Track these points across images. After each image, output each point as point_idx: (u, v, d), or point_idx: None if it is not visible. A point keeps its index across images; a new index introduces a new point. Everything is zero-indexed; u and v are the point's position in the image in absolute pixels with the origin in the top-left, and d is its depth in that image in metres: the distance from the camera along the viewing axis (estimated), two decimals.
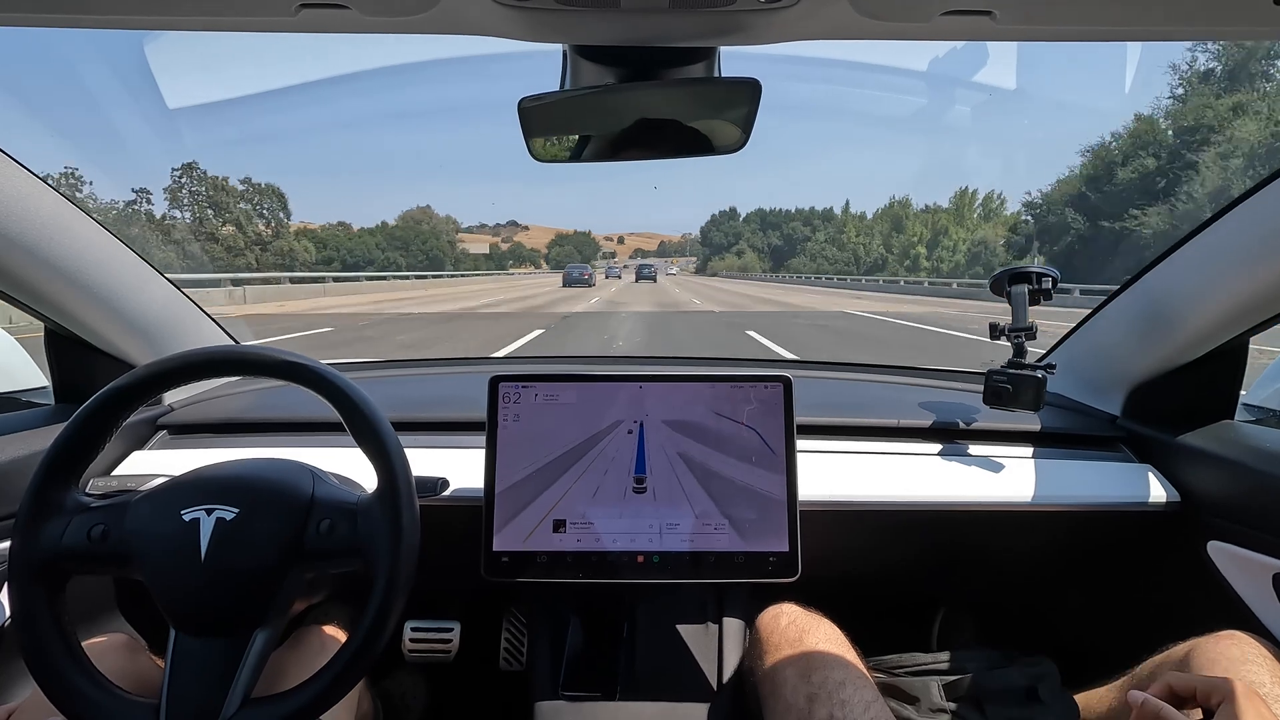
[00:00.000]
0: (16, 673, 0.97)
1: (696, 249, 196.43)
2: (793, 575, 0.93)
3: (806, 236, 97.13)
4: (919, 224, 67.93)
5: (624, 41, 0.66)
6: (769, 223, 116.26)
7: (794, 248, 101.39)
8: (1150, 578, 1.15)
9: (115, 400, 0.71)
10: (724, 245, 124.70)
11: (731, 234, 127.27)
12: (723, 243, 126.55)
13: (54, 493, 0.69)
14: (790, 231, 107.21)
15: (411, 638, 1.22)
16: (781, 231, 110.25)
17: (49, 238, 0.95)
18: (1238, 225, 0.94)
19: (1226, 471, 0.99)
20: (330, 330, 10.95)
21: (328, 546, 0.70)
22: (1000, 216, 56.25)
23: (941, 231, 62.00)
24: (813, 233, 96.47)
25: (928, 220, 66.22)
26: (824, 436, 1.15)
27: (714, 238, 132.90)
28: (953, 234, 59.99)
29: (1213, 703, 0.63)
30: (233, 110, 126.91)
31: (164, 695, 0.64)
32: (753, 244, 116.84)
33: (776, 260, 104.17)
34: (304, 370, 0.73)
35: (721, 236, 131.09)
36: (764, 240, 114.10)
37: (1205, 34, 0.60)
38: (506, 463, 0.95)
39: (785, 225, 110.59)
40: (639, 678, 0.99)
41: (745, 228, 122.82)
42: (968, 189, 62.25)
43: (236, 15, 0.59)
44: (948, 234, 60.51)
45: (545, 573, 0.94)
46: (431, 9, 0.57)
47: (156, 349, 1.18)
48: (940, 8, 0.56)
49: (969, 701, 0.90)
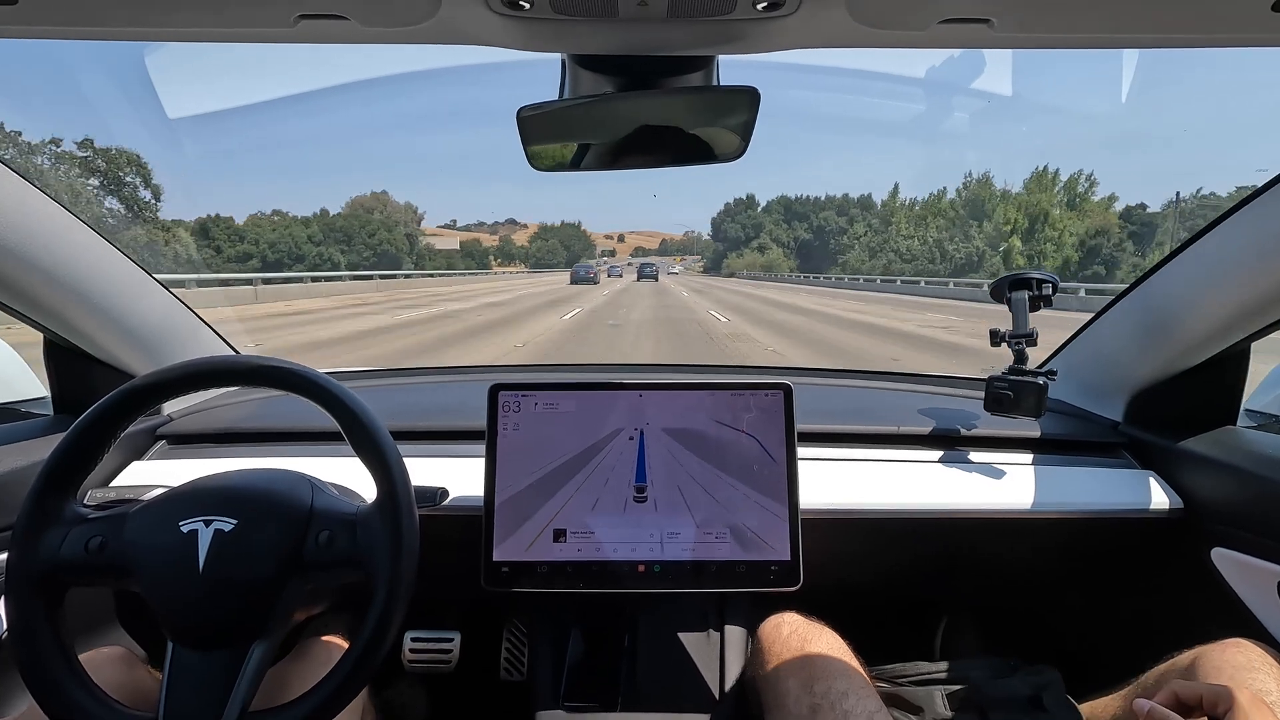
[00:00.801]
0: (14, 685, 0.97)
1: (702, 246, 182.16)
2: (794, 584, 0.93)
3: (842, 228, 78.85)
4: (1011, 209, 46.25)
5: (622, 51, 0.66)
6: (795, 212, 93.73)
7: (826, 241, 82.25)
8: (1154, 585, 1.14)
9: (114, 410, 0.71)
10: (741, 239, 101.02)
11: (750, 225, 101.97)
12: (739, 236, 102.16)
13: (52, 503, 0.69)
14: (821, 222, 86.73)
15: (412, 648, 1.22)
16: (810, 223, 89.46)
17: (48, 247, 0.95)
18: (1239, 230, 0.93)
19: (1229, 478, 0.99)
20: None
21: (327, 557, 0.69)
22: (1088, 203, 44.13)
23: (1039, 218, 43.80)
24: (849, 224, 78.15)
25: (1021, 204, 45.69)
26: (825, 444, 1.15)
27: (729, 230, 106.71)
28: (1057, 221, 43.00)
29: (1219, 711, 0.63)
30: (233, 120, 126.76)
31: (161, 708, 0.64)
32: (776, 237, 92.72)
33: (806, 258, 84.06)
34: (303, 380, 0.73)
35: (738, 229, 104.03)
36: (789, 233, 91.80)
37: (1203, 41, 0.60)
38: (506, 472, 0.95)
39: (815, 215, 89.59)
40: (640, 688, 0.98)
41: (766, 218, 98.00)
42: (1046, 168, 45.55)
43: (236, 26, 0.59)
44: (1048, 221, 43.26)
45: (546, 583, 0.93)
46: (430, 19, 0.57)
47: (156, 359, 1.18)
48: (937, 16, 0.56)
49: (973, 711, 0.90)
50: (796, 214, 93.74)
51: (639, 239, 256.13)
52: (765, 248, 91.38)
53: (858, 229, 68.33)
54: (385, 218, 65.68)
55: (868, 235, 64.59)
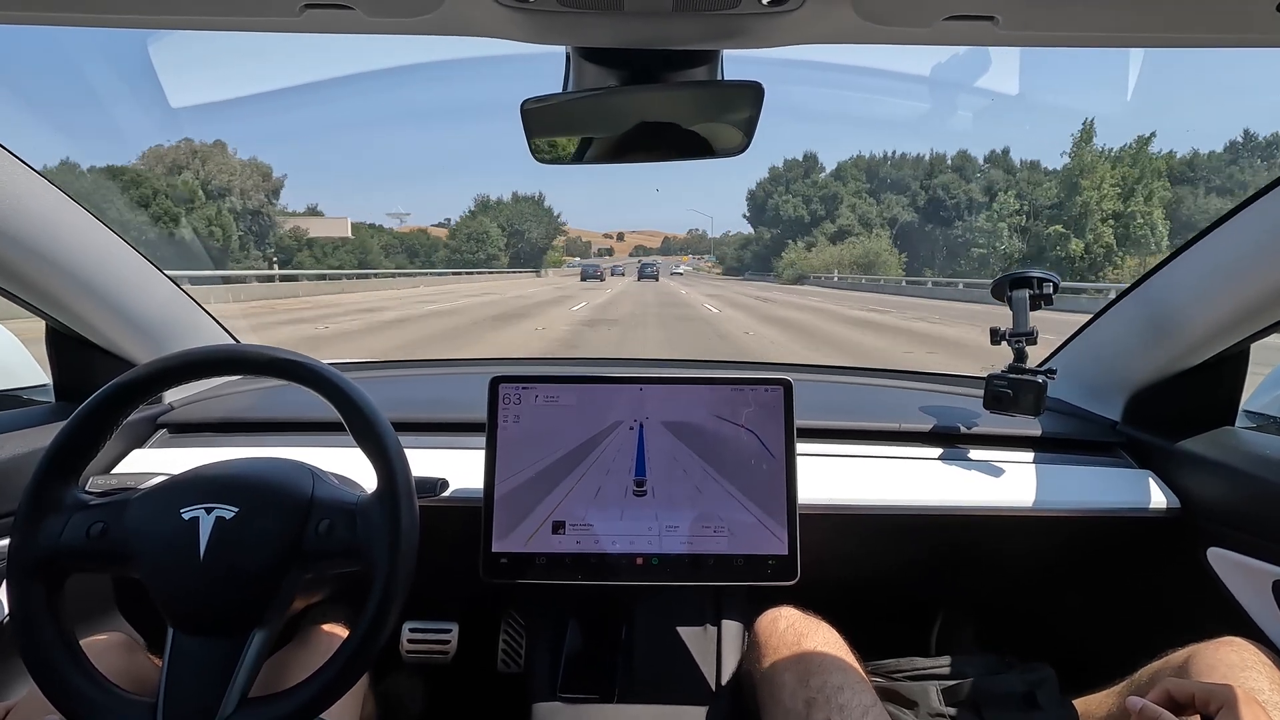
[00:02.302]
0: (14, 670, 0.97)
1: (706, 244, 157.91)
2: (791, 579, 0.93)
3: (972, 201, 48.27)
4: None
5: (627, 44, 0.66)
6: (884, 180, 58.95)
7: (945, 223, 49.85)
8: (1150, 583, 1.15)
9: (115, 398, 0.71)
10: (801, 221, 59.47)
11: (818, 198, 60.76)
12: (798, 215, 60.32)
13: (53, 490, 0.69)
14: (937, 193, 52.11)
15: (410, 638, 1.22)
16: (910, 195, 55.12)
17: (51, 235, 0.95)
18: (1239, 231, 0.94)
19: (1227, 478, 0.99)
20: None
21: (327, 546, 0.70)
22: None
23: None
24: (985, 194, 46.29)
25: None
26: (824, 440, 1.15)
27: (777, 209, 62.70)
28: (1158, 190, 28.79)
29: (1211, 709, 0.63)
30: (236, 109, 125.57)
31: (161, 694, 0.64)
32: (863, 216, 56.77)
33: (909, 250, 48.92)
34: (304, 370, 0.73)
35: (796, 204, 61.14)
36: (877, 209, 56.80)
37: (1207, 41, 0.60)
38: (506, 464, 0.95)
39: (920, 183, 55.03)
40: (637, 680, 0.99)
41: (842, 188, 60.10)
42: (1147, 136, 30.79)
43: (241, 15, 0.59)
44: None
45: (544, 574, 0.94)
46: (435, 10, 0.57)
47: (157, 347, 1.19)
48: (942, 12, 0.56)
49: (968, 706, 0.90)
50: (890, 182, 58.15)
51: (639, 238, 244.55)
52: (848, 231, 52.88)
53: (1006, 201, 35.65)
54: (205, 179, 36.68)
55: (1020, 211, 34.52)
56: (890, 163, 60.44)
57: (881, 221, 55.05)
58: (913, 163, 58.92)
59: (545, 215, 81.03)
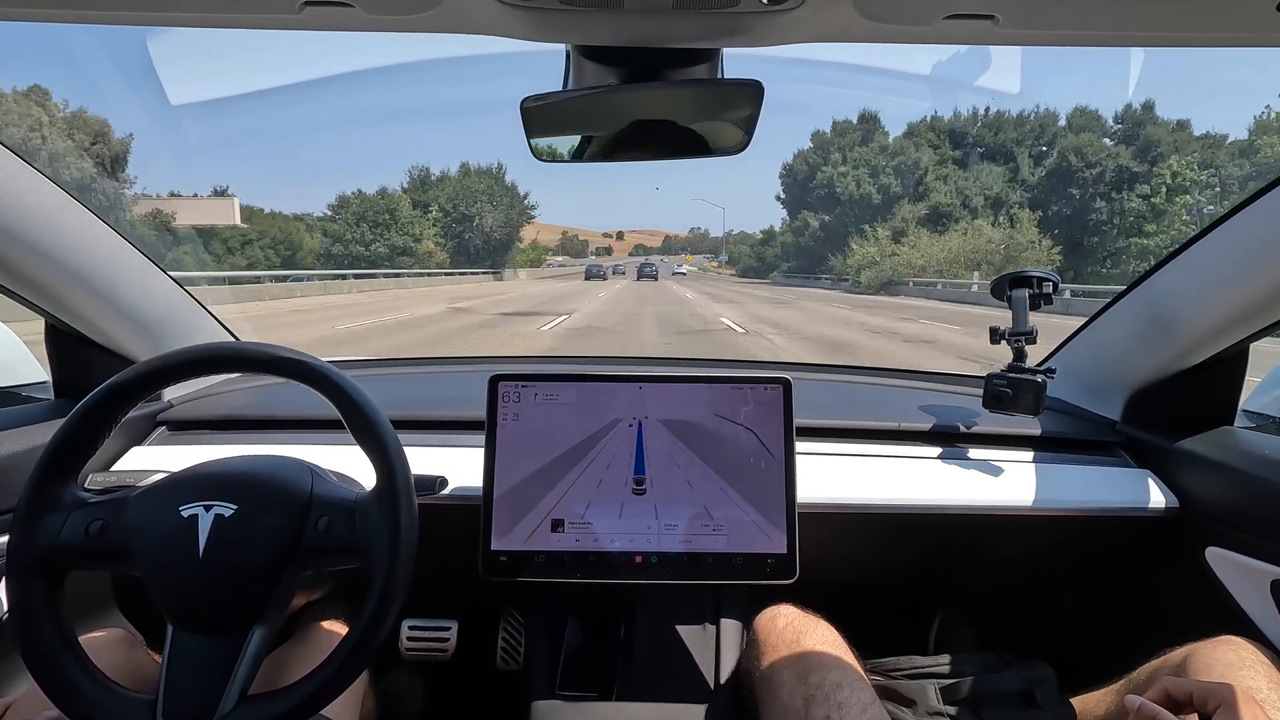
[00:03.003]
0: (14, 667, 0.97)
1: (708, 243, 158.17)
2: (790, 577, 0.93)
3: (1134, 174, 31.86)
4: None
5: (627, 42, 0.66)
6: (994, 147, 39.74)
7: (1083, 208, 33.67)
8: (1148, 583, 1.15)
9: (115, 396, 0.71)
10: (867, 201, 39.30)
11: (892, 168, 39.85)
12: (863, 195, 39.75)
13: (53, 488, 0.69)
14: (1072, 160, 34.09)
15: (409, 636, 1.22)
16: (1048, 164, 36.60)
17: (50, 232, 0.95)
18: (1239, 231, 0.94)
19: (1225, 478, 0.99)
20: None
21: (326, 544, 0.70)
22: None
23: None
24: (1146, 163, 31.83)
25: None
26: (823, 439, 1.15)
27: (830, 184, 41.58)
28: None
29: (1209, 708, 0.64)
30: (235, 106, 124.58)
31: (161, 691, 0.64)
32: (966, 197, 37.02)
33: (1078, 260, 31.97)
34: (304, 368, 0.73)
35: (856, 179, 40.53)
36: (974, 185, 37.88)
37: (1207, 40, 0.60)
38: (505, 462, 0.95)
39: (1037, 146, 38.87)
40: (636, 678, 0.99)
41: (922, 154, 39.89)
42: None
43: (241, 12, 0.59)
44: None
45: (543, 572, 0.94)
46: (435, 8, 0.57)
47: (157, 345, 1.18)
48: (943, 11, 0.56)
49: (966, 705, 0.90)
50: (992, 148, 40.18)
51: (639, 237, 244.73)
52: (945, 214, 35.80)
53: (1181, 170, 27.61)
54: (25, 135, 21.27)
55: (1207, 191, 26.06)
56: (986, 122, 41.16)
57: (976, 201, 36.55)
58: (1014, 122, 39.98)
59: (506, 195, 51.79)
